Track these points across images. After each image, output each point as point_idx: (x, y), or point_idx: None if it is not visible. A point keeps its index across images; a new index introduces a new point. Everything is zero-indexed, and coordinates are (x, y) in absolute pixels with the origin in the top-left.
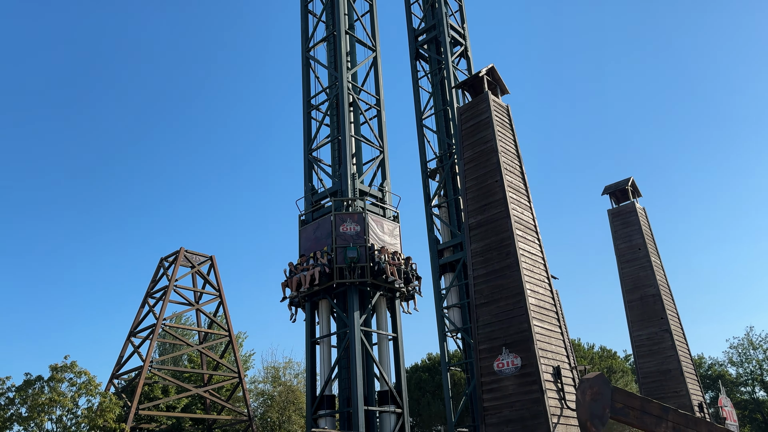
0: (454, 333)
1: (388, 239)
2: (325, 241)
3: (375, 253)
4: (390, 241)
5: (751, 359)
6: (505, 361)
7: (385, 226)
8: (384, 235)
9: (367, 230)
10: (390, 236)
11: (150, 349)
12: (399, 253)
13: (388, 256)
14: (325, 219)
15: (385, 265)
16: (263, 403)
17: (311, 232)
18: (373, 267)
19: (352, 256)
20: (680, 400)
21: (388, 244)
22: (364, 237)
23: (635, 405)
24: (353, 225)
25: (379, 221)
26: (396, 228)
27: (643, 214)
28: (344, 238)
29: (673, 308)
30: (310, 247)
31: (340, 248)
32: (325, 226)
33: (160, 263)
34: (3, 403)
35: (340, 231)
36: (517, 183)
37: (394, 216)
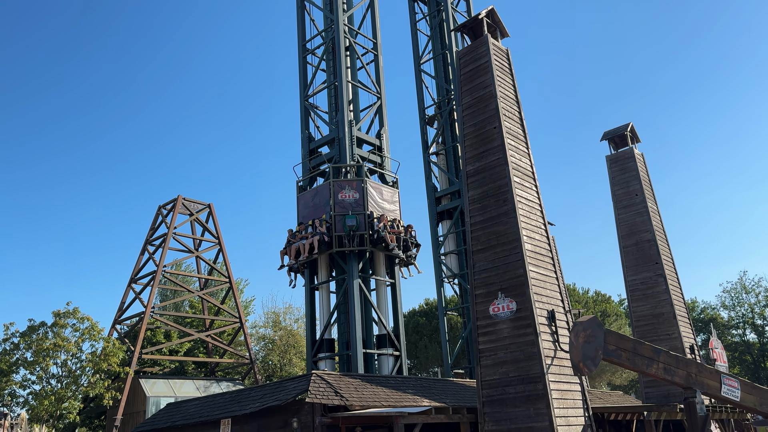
0: (451, 279)
1: (388, 206)
2: (323, 208)
3: (374, 221)
4: (389, 208)
5: (744, 303)
6: (501, 305)
7: (384, 193)
8: (383, 202)
9: (366, 197)
10: (389, 203)
11: (151, 295)
12: (398, 220)
13: (388, 224)
14: (324, 186)
15: (384, 233)
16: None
17: (309, 199)
18: (373, 235)
19: (351, 225)
20: (672, 342)
21: (387, 211)
22: (363, 204)
23: (627, 347)
24: (352, 192)
25: (378, 188)
26: (395, 194)
27: (641, 160)
28: (343, 206)
29: (668, 253)
30: (309, 215)
31: (339, 216)
32: (323, 194)
33: (158, 211)
34: (8, 348)
35: (339, 198)
36: (516, 129)
37: (393, 182)
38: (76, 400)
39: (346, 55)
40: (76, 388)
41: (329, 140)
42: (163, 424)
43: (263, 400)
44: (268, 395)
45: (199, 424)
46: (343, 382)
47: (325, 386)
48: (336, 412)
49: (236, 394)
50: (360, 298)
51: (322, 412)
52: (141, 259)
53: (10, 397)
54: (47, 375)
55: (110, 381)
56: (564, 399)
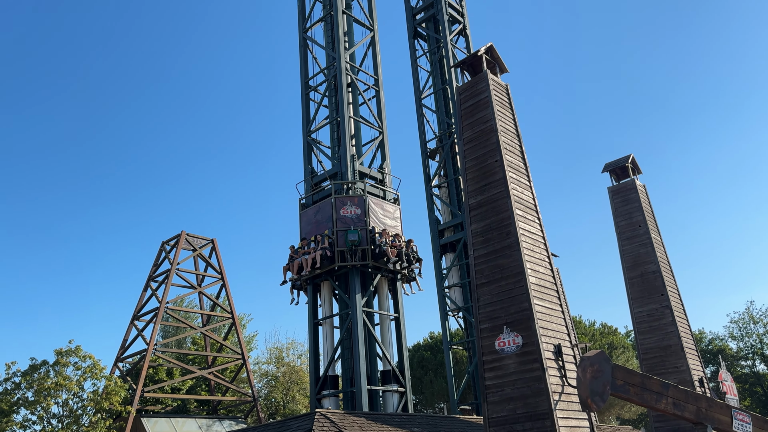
0: (455, 312)
1: (389, 222)
2: (325, 224)
3: (376, 235)
4: (391, 224)
5: (752, 333)
6: (507, 339)
7: (386, 209)
8: (385, 218)
9: (367, 213)
10: (391, 219)
11: (154, 332)
12: (400, 235)
13: (389, 239)
14: (326, 202)
15: (386, 248)
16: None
17: (312, 216)
18: (374, 250)
19: (353, 239)
20: (681, 375)
21: (389, 227)
22: (365, 220)
23: (635, 382)
24: (354, 208)
25: (380, 204)
26: (397, 210)
27: (644, 191)
28: (345, 221)
29: (673, 284)
30: (311, 231)
31: (341, 231)
32: (325, 210)
33: (162, 247)
34: (9, 387)
35: (341, 214)
36: (517, 162)
37: (395, 198)
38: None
39: (348, 91)
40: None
41: (332, 174)
42: None
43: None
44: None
45: None
46: (348, 421)
47: (329, 425)
48: None
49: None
50: (364, 332)
51: None
52: (144, 295)
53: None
54: (48, 415)
55: (112, 420)
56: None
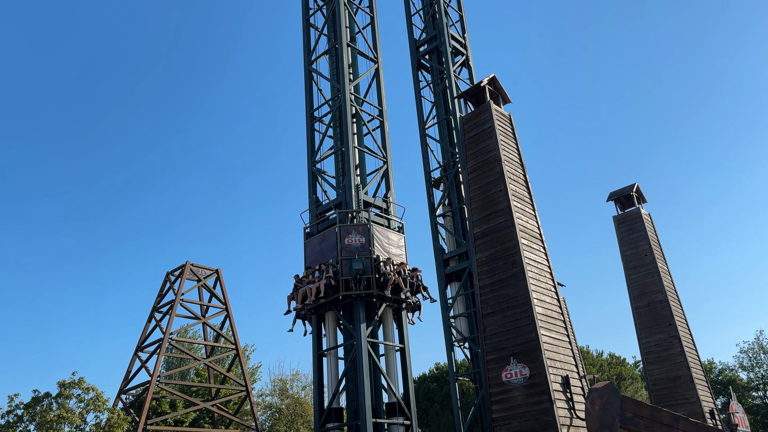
0: (461, 342)
1: (394, 250)
2: (330, 253)
3: (381, 264)
4: (395, 252)
5: (762, 363)
6: (514, 371)
7: (391, 238)
8: (389, 247)
9: (372, 242)
10: (395, 247)
11: (157, 363)
12: (405, 264)
13: (394, 268)
14: (330, 231)
15: (390, 277)
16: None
17: (316, 245)
18: (379, 278)
19: (357, 268)
20: (691, 407)
21: (393, 256)
22: (370, 248)
23: (645, 414)
24: (358, 237)
25: (384, 233)
26: (401, 239)
27: (649, 220)
28: (349, 250)
29: (681, 314)
30: (316, 260)
31: (346, 260)
32: (330, 239)
33: (166, 277)
34: (12, 420)
35: (345, 243)
36: (521, 192)
37: (399, 227)
38: None
39: (352, 122)
40: None
41: (336, 204)
42: None
43: None
44: None
45: None
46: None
47: None
48: None
49: None
50: (369, 363)
51: None
52: (148, 326)
53: None
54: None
55: None
56: None
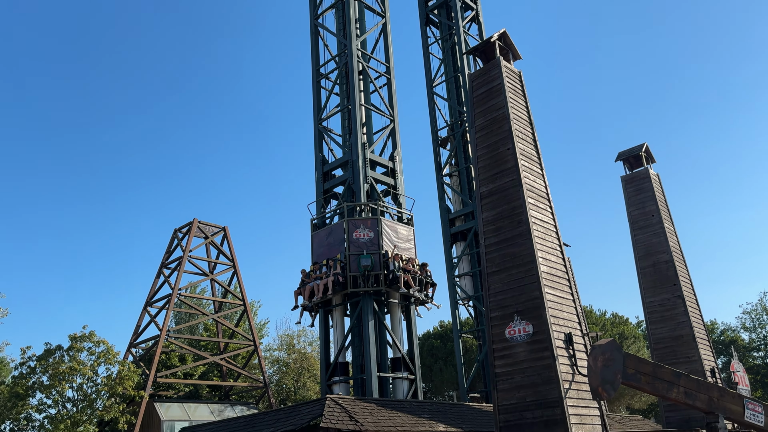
0: (465, 301)
1: (403, 244)
2: (337, 247)
3: (389, 260)
4: (405, 246)
5: (765, 324)
6: (517, 328)
7: (399, 231)
8: (398, 241)
9: (381, 236)
10: (404, 241)
11: (166, 318)
12: (414, 259)
13: (403, 263)
14: (338, 225)
15: (399, 274)
16: (278, 370)
17: (323, 238)
18: (388, 275)
19: (366, 265)
20: (692, 365)
21: (402, 250)
22: (378, 243)
23: (647, 371)
24: (367, 231)
25: (393, 226)
26: (410, 232)
27: (657, 181)
28: (357, 245)
29: (686, 274)
30: (323, 254)
31: (354, 256)
32: (337, 232)
33: (174, 234)
34: (25, 372)
35: (354, 237)
36: (529, 150)
37: (408, 219)
38: (92, 424)
39: (359, 79)
40: (92, 412)
41: (342, 163)
42: None
43: (277, 425)
44: (282, 420)
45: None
46: (358, 407)
47: (339, 411)
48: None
49: (250, 418)
50: (374, 321)
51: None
52: (156, 282)
53: (26, 421)
54: (63, 399)
55: (125, 405)
56: (583, 424)
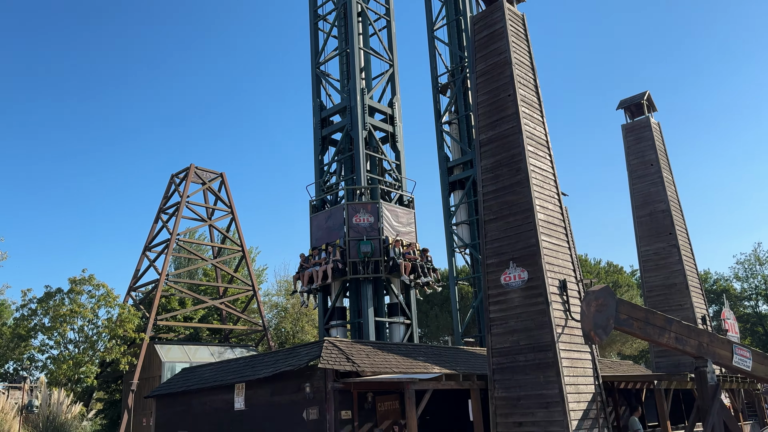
0: (462, 249)
1: (403, 229)
2: (337, 232)
3: (390, 247)
4: (405, 231)
5: (757, 274)
6: (512, 274)
7: (400, 215)
8: (399, 225)
9: (381, 222)
10: (405, 225)
11: (165, 262)
12: (414, 244)
13: (404, 249)
14: (337, 208)
15: (400, 261)
16: (277, 314)
17: (323, 221)
18: (388, 262)
19: (366, 251)
20: (684, 313)
21: (403, 234)
22: (378, 229)
23: (639, 316)
24: (367, 216)
25: (394, 210)
26: (411, 215)
27: (657, 130)
28: (357, 230)
29: (682, 224)
30: (322, 237)
31: (354, 241)
32: (337, 216)
33: (171, 179)
34: (26, 313)
35: (353, 222)
36: (531, 97)
37: (409, 201)
38: (93, 365)
39: (358, 21)
40: (93, 353)
41: (341, 109)
42: (179, 388)
43: (276, 365)
44: (281, 361)
45: (214, 388)
46: (355, 349)
47: (337, 352)
48: (348, 378)
49: (250, 359)
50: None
51: (334, 378)
52: (155, 227)
53: (29, 362)
54: (64, 340)
55: (126, 347)
56: (574, 367)
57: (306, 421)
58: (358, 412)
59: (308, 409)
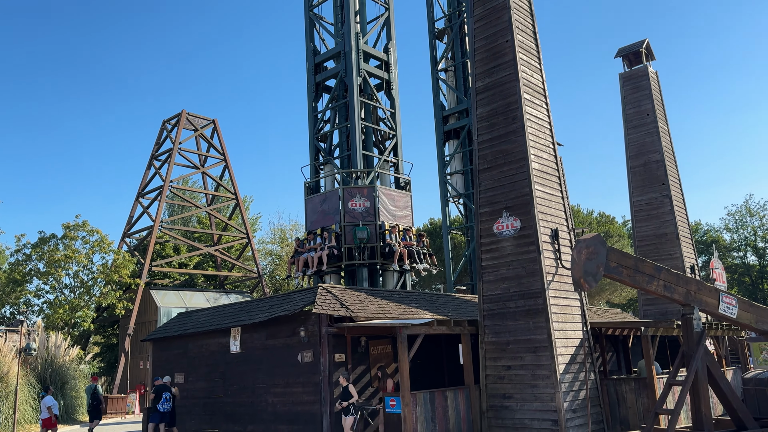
0: (456, 198)
1: (400, 213)
2: (332, 216)
3: (386, 233)
4: (402, 215)
5: (747, 226)
6: (505, 223)
7: (396, 199)
8: (395, 209)
9: (377, 206)
10: (402, 209)
11: (159, 209)
12: (411, 229)
13: (400, 235)
14: (333, 192)
15: (396, 248)
16: (272, 262)
17: (318, 204)
18: (384, 248)
19: (362, 237)
20: (674, 262)
21: (399, 218)
22: (375, 214)
23: (629, 264)
24: (363, 200)
25: (390, 194)
26: (408, 199)
27: (655, 79)
28: (353, 215)
29: (675, 174)
30: (317, 221)
31: (349, 226)
32: (332, 200)
33: (163, 125)
34: (21, 258)
35: (349, 207)
36: (529, 43)
37: (405, 182)
38: (90, 310)
39: None
40: (89, 298)
41: (335, 54)
42: (175, 332)
43: (272, 310)
44: (276, 306)
45: (210, 332)
46: (349, 295)
47: (331, 298)
48: (342, 323)
49: (245, 304)
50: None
51: (328, 322)
52: (147, 173)
53: (25, 306)
54: (60, 285)
55: (122, 292)
56: (563, 314)
57: (301, 363)
58: (352, 355)
59: (303, 352)
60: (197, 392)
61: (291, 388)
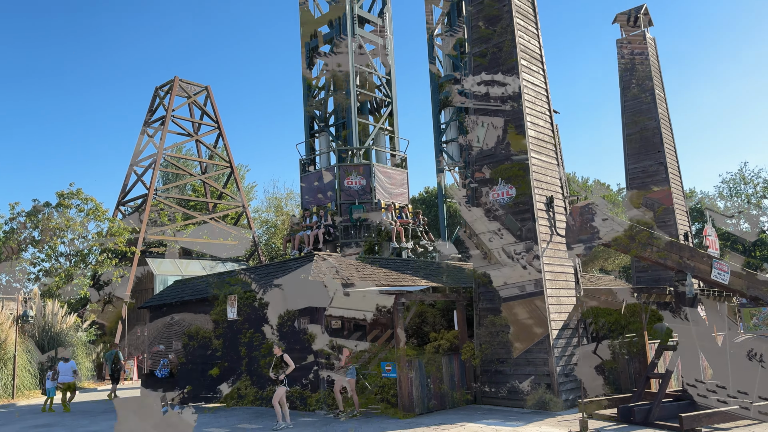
0: (451, 167)
1: (396, 190)
2: (328, 194)
3: (382, 211)
4: (398, 192)
5: (741, 194)
6: (501, 191)
7: (393, 176)
8: (392, 187)
9: (373, 185)
10: (398, 186)
11: (153, 177)
12: (407, 206)
13: (396, 214)
14: (329, 169)
15: (392, 227)
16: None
17: (313, 181)
18: (380, 226)
19: (358, 216)
20: (667, 229)
21: (395, 196)
22: (371, 192)
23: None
24: (359, 179)
25: (386, 171)
26: (404, 175)
27: (653, 45)
28: (349, 194)
29: (671, 142)
30: (312, 198)
31: (345, 204)
32: (328, 178)
33: (155, 92)
34: (15, 227)
35: (345, 185)
36: (526, 8)
37: (402, 160)
38: (86, 278)
39: None
40: (85, 266)
41: (329, 20)
42: (172, 299)
43: (268, 278)
44: (273, 273)
45: (207, 299)
46: (344, 263)
47: (327, 266)
48: None
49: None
50: None
51: None
52: (140, 141)
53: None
54: (56, 253)
55: (117, 260)
56: (557, 280)
57: (298, 330)
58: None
59: (300, 318)
60: (196, 358)
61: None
